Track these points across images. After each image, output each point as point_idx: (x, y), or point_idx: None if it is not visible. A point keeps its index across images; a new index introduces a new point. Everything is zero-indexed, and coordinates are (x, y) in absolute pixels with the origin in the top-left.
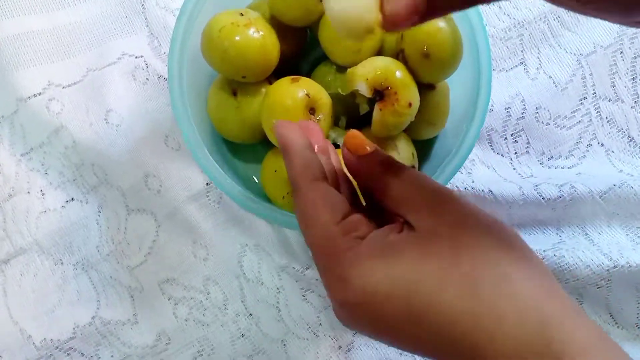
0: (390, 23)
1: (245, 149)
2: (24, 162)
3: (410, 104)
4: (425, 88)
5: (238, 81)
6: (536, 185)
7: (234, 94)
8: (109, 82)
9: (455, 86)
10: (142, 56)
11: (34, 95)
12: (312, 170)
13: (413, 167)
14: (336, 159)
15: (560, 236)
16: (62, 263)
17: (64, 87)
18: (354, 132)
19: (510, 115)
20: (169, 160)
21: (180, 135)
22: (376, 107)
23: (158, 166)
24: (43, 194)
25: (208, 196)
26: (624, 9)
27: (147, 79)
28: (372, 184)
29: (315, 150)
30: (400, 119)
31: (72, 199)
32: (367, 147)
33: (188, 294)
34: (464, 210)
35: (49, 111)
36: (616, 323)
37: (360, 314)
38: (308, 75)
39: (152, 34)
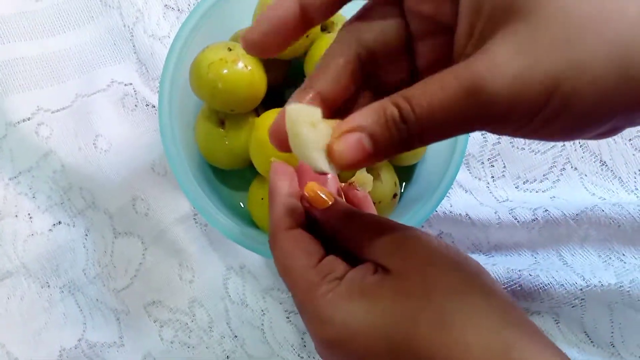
0: (340, 165)
1: (232, 174)
2: (12, 186)
3: None
4: None
5: (226, 112)
6: (511, 209)
7: (222, 123)
8: (98, 108)
9: None
10: (131, 84)
11: (23, 120)
12: (289, 220)
13: (395, 195)
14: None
15: (535, 257)
16: (48, 286)
17: (53, 112)
18: (312, 185)
19: (487, 140)
20: (156, 185)
21: (167, 162)
22: None
23: (145, 190)
24: (31, 218)
25: (195, 219)
26: (576, 125)
27: (135, 105)
28: (340, 236)
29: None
30: None
31: (60, 223)
32: (327, 201)
33: (174, 316)
34: (430, 249)
35: (38, 136)
36: (591, 342)
37: (344, 352)
38: None
39: (140, 61)
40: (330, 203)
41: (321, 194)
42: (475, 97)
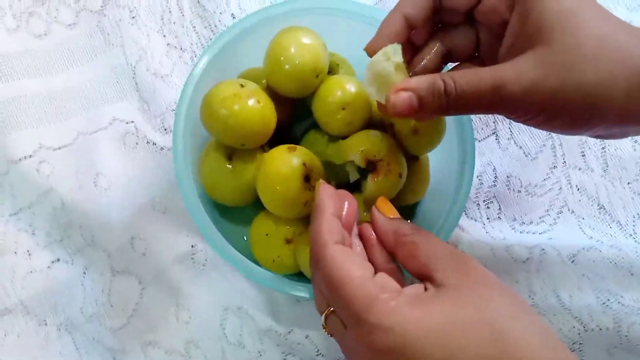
0: (392, 111)
1: (233, 210)
2: (12, 222)
3: (400, 175)
4: (410, 159)
5: (234, 147)
6: (507, 247)
7: (229, 159)
8: (99, 146)
9: (437, 154)
10: (132, 121)
11: (25, 157)
12: (337, 235)
13: None
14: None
15: (532, 299)
16: (45, 324)
17: (54, 150)
18: (384, 198)
19: (483, 183)
20: (155, 223)
21: (167, 199)
22: (370, 178)
23: (145, 229)
24: (29, 254)
25: (193, 259)
26: (569, 127)
27: (136, 143)
28: (399, 245)
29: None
30: (392, 188)
31: (58, 260)
32: (397, 212)
33: (170, 357)
34: (483, 272)
35: (39, 173)
36: None
37: (401, 357)
38: (298, 140)
39: (142, 98)
40: (398, 215)
41: (392, 206)
42: (499, 91)
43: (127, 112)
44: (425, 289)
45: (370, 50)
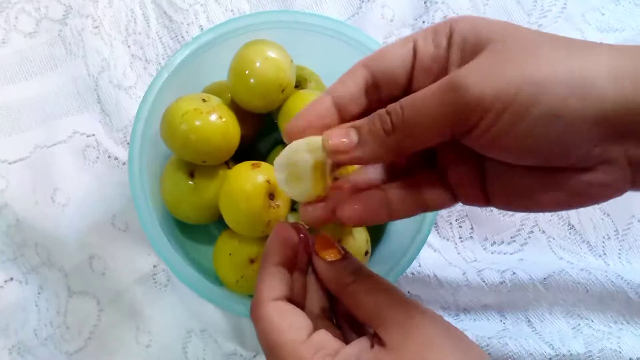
0: (328, 150)
1: (197, 228)
2: None
3: None
4: None
5: (196, 164)
6: (479, 271)
7: (191, 175)
8: (58, 160)
9: None
10: (93, 135)
11: None
12: (275, 290)
13: (367, 252)
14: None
15: (504, 323)
16: None
17: (10, 164)
18: (324, 236)
19: None
20: (115, 241)
21: (128, 216)
22: None
23: (104, 247)
24: None
25: (154, 279)
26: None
27: (97, 157)
28: (342, 295)
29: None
30: None
31: (12, 279)
32: (339, 253)
33: None
34: (433, 328)
35: None
36: None
37: None
38: (263, 156)
39: (103, 111)
40: (340, 256)
41: (333, 244)
42: (454, 90)
43: (88, 125)
44: (372, 346)
45: (290, 134)
